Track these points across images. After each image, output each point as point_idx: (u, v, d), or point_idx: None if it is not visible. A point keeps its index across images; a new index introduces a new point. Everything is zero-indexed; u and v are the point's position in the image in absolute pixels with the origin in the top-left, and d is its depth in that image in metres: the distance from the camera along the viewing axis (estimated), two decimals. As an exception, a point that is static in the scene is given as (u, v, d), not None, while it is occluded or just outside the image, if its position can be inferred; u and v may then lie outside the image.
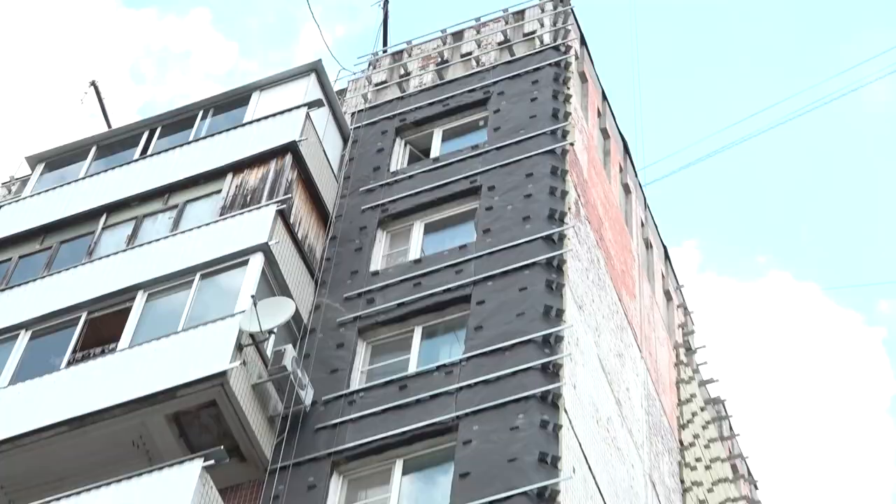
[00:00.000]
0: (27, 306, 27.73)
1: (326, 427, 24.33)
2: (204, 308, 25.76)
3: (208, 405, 24.07)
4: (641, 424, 27.98)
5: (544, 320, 24.34)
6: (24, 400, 25.34)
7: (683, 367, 33.19)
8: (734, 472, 34.59)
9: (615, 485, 24.74)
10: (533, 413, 22.72)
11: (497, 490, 21.59)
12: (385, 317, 26.21)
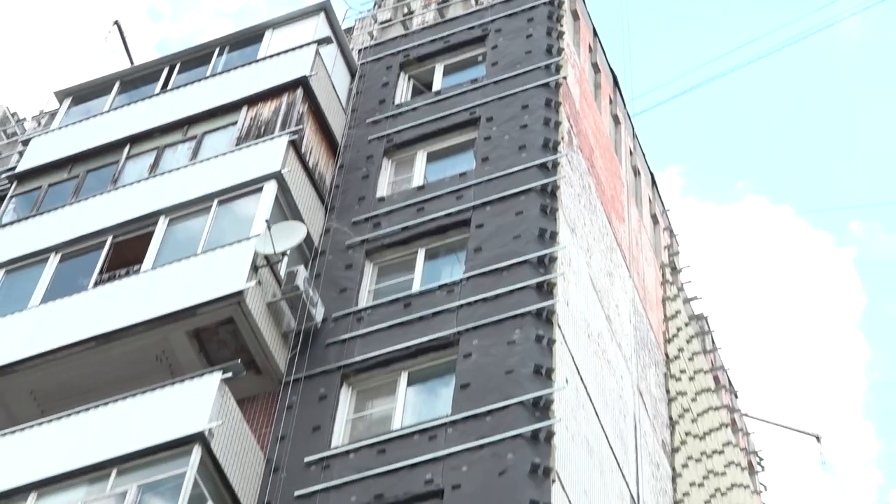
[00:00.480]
0: (56, 231, 27.77)
1: (336, 342, 24.40)
2: (221, 232, 25.80)
3: (226, 322, 24.13)
4: (630, 339, 28.05)
5: (539, 242, 24.37)
6: (54, 318, 25.42)
7: (669, 285, 33.24)
8: (716, 382, 34.72)
9: (605, 394, 24.83)
10: (528, 328, 22.77)
11: (495, 400, 21.68)
12: (390, 240, 26.24)
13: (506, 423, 21.28)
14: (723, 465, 31.63)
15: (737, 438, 34.73)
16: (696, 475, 29.12)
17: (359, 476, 21.61)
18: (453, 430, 21.64)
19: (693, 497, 28.29)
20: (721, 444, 32.12)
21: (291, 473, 22.29)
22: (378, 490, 21.26)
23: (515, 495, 20.09)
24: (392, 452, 21.77)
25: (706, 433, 31.21)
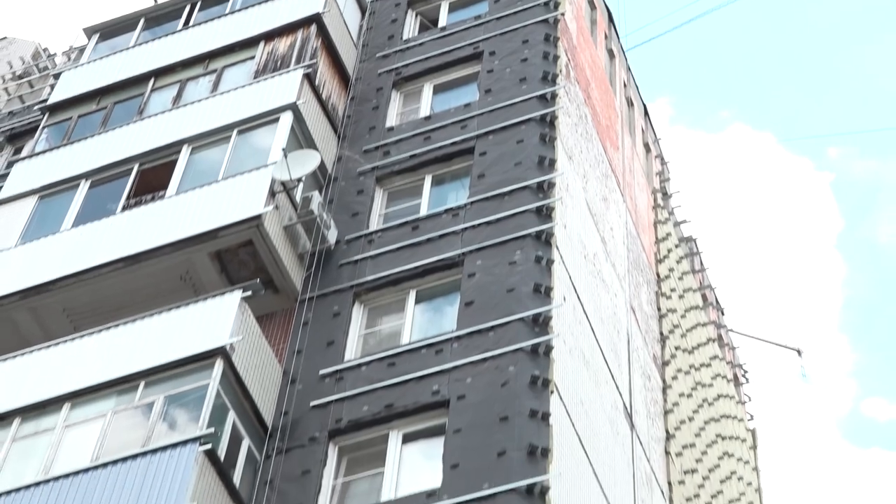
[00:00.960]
0: (86, 159, 27.77)
1: (349, 263, 24.42)
2: (240, 160, 25.78)
3: (246, 244, 24.15)
4: (623, 259, 28.03)
5: (538, 169, 24.33)
6: (85, 240, 25.44)
7: (660, 209, 33.19)
8: (704, 300, 34.74)
9: (600, 311, 24.85)
10: (528, 249, 22.78)
11: (497, 316, 21.72)
12: (399, 167, 26.20)
13: (507, 338, 21.31)
14: (710, 378, 31.71)
15: (723, 352, 34.80)
16: (684, 386, 29.20)
17: (370, 387, 21.67)
18: (458, 345, 21.68)
19: (682, 407, 28.39)
20: (708, 358, 32.19)
21: (307, 385, 22.35)
22: (388, 400, 21.32)
23: (516, 405, 20.13)
24: (401, 365, 21.82)
25: (694, 347, 31.27)
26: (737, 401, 34.48)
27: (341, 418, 21.49)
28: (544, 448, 19.42)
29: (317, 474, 20.80)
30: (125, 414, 21.45)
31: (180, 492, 19.36)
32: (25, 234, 26.63)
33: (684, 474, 26.95)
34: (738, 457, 32.14)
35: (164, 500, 19.35)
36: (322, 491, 20.57)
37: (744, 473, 32.23)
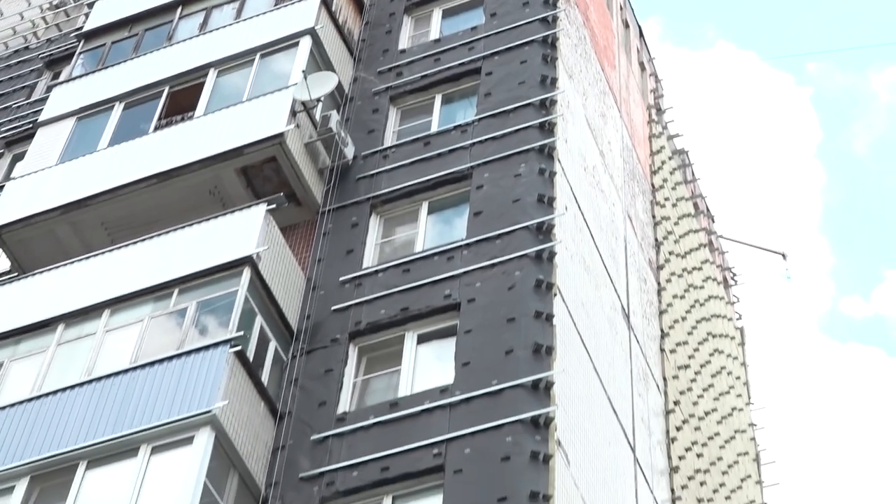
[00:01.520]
0: (120, 83, 27.64)
1: (365, 177, 24.36)
2: (263, 82, 25.67)
3: (270, 160, 24.09)
4: (620, 171, 27.93)
5: (541, 87, 24.21)
6: (120, 159, 25.40)
7: (654, 124, 33.00)
8: (695, 208, 34.65)
9: (599, 219, 24.80)
10: (532, 163, 22.71)
11: (504, 225, 21.70)
12: (411, 87, 26.06)
13: (513, 245, 21.30)
14: (701, 280, 31.71)
15: (713, 257, 34.76)
16: (678, 289, 29.20)
17: (387, 292, 21.69)
18: (468, 252, 21.67)
19: (675, 307, 28.41)
20: (700, 262, 32.17)
21: (328, 291, 22.38)
22: (404, 304, 21.35)
23: (522, 307, 20.17)
24: (415, 271, 21.83)
25: (687, 252, 31.23)
26: (726, 301, 34.50)
27: (360, 321, 21.53)
28: (548, 346, 19.47)
29: (338, 373, 20.88)
30: (161, 319, 21.52)
31: (213, 390, 19.46)
32: (65, 153, 26.57)
33: (678, 369, 27.03)
34: (728, 353, 32.21)
35: (198, 398, 19.46)
36: (343, 388, 20.66)
37: (733, 368, 32.32)
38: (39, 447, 20.03)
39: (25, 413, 20.85)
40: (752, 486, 30.57)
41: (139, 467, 19.00)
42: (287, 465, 19.77)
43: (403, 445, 19.06)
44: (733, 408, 30.84)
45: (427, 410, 19.40)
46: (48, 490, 19.59)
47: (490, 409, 18.95)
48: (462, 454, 18.53)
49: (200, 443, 18.90)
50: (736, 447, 29.89)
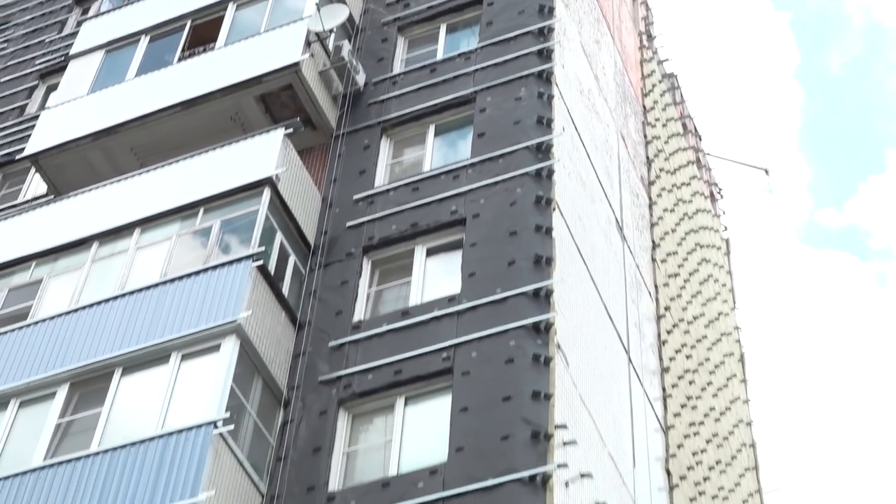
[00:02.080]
0: (145, 17, 27.41)
1: (376, 102, 24.23)
2: (279, 15, 25.41)
3: (286, 88, 23.95)
4: (613, 94, 27.72)
5: (539, 16, 24.02)
6: (146, 88, 25.27)
7: (645, 50, 32.71)
8: (684, 128, 34.45)
9: (594, 139, 24.64)
10: (531, 87, 22.56)
11: (506, 145, 21.62)
12: (417, 17, 25.83)
13: (515, 164, 21.21)
14: (689, 195, 31.61)
15: (700, 173, 34.62)
16: (668, 203, 29.11)
17: (397, 209, 21.64)
18: (472, 171, 21.58)
19: (666, 220, 28.33)
20: (688, 178, 32.05)
21: (343, 209, 22.33)
22: (413, 220, 21.30)
23: (523, 221, 20.13)
24: (424, 189, 21.76)
25: (676, 169, 31.10)
26: (713, 214, 34.42)
27: (373, 236, 21.50)
28: (548, 257, 19.44)
29: (353, 284, 20.89)
30: (187, 237, 21.50)
31: (237, 301, 19.49)
32: (95, 84, 26.44)
33: (668, 278, 27.01)
34: (714, 262, 32.19)
35: (223, 309, 19.50)
36: (358, 298, 20.68)
37: (719, 276, 32.32)
38: (78, 356, 20.12)
39: (64, 325, 20.92)
40: (737, 385, 30.68)
41: (170, 373, 19.09)
42: (307, 369, 19.84)
43: (414, 350, 19.12)
44: (719, 312, 30.87)
45: (436, 318, 19.43)
46: (87, 395, 19.69)
47: (494, 315, 18.98)
48: (469, 357, 18.59)
49: (227, 350, 18.98)
50: (722, 348, 29.97)
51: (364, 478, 18.12)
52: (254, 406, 19.13)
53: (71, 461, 18.41)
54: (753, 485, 29.33)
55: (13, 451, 19.34)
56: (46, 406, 19.71)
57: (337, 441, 18.71)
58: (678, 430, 23.97)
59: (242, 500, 17.88)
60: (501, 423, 17.39)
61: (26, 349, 20.84)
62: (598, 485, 18.39)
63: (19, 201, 27.77)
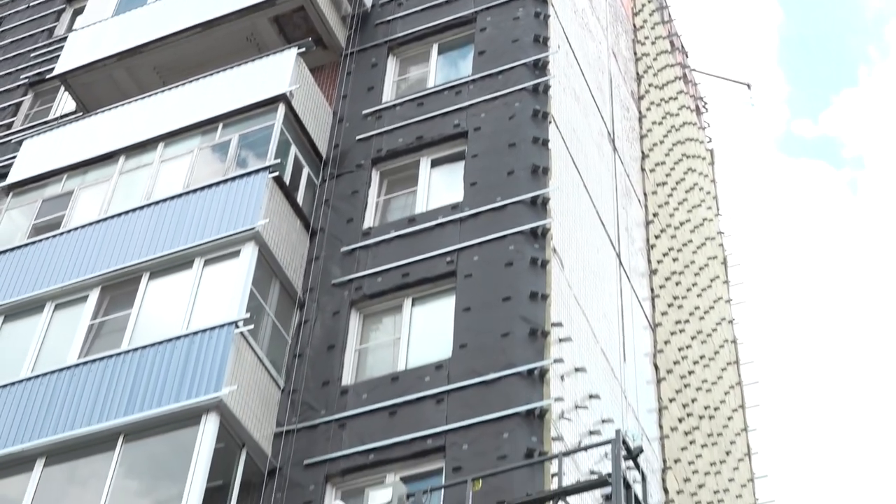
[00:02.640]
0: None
1: (383, 23, 23.94)
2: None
3: (298, 9, 23.70)
4: (605, 13, 27.36)
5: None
6: (167, 11, 24.96)
7: (635, -28, 32.27)
8: (672, 46, 34.05)
9: (588, 57, 24.35)
10: (529, 7, 22.34)
11: (505, 62, 21.42)
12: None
13: (513, 80, 21.01)
14: (676, 108, 31.36)
15: (687, 88, 34.31)
16: (656, 116, 28.88)
17: (404, 123, 21.47)
18: (473, 87, 21.38)
19: (654, 132, 28.12)
20: (675, 93, 31.76)
21: (353, 123, 22.17)
22: (419, 133, 21.15)
23: (521, 133, 19.99)
24: (428, 105, 21.57)
25: (664, 84, 30.81)
26: (698, 126, 34.17)
27: (381, 148, 21.36)
28: (545, 167, 19.32)
29: (363, 194, 20.79)
30: (208, 150, 21.38)
31: (255, 210, 19.42)
32: (119, 7, 26.17)
33: (656, 186, 26.87)
34: (699, 171, 32.02)
35: (242, 217, 19.44)
36: (368, 207, 20.60)
37: (704, 184, 32.16)
38: (108, 261, 20.11)
39: (95, 233, 20.87)
40: (720, 285, 30.69)
41: (194, 277, 19.08)
42: (321, 273, 19.83)
43: (420, 255, 19.09)
44: (704, 218, 30.78)
45: (440, 224, 19.36)
46: (117, 298, 19.72)
47: (495, 222, 18.91)
48: (471, 261, 18.56)
49: (246, 255, 18.94)
50: (706, 252, 29.92)
51: (374, 373, 18.19)
52: (272, 307, 19.15)
53: (103, 359, 18.48)
54: (735, 377, 29.47)
55: (49, 350, 19.42)
56: (79, 308, 19.74)
57: (349, 339, 18.76)
58: (665, 328, 24.01)
59: (262, 394, 17.96)
60: (501, 321, 17.42)
61: (60, 256, 20.83)
62: (591, 378, 18.46)
63: (50, 118, 27.62)
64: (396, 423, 17.01)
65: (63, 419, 17.91)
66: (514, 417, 16.22)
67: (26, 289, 20.53)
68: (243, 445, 17.28)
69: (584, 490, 14.11)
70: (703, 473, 23.93)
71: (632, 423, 19.89)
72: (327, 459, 17.17)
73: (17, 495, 17.34)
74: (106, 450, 17.24)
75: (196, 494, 15.94)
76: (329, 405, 17.83)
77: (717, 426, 26.34)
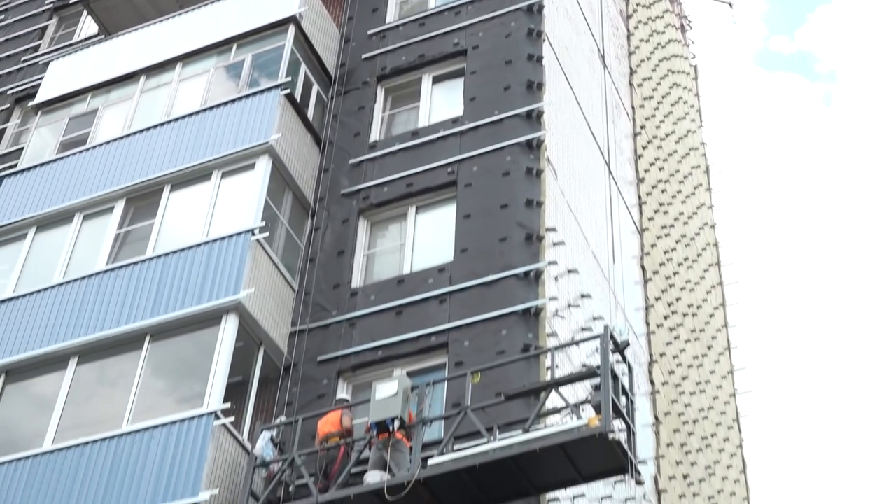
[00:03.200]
0: None
1: (385, -53, 23.54)
2: None
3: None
4: (596, -64, 26.88)
5: None
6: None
7: None
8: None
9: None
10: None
11: (501, -12, 21.09)
12: None
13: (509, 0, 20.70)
14: (663, 27, 30.93)
15: (672, 7, 33.76)
16: (644, 34, 28.51)
17: (407, 42, 21.23)
18: (472, 7, 21.12)
19: (641, 49, 27.78)
20: (661, 11, 31.25)
21: (359, 43, 21.91)
22: (421, 52, 20.90)
23: (517, 51, 19.78)
24: (429, 25, 21.30)
25: (651, 3, 30.32)
26: (683, 44, 33.77)
27: (386, 66, 21.13)
28: (539, 82, 19.13)
29: (369, 109, 20.62)
30: (223, 70, 21.15)
31: (269, 125, 19.29)
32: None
33: (644, 100, 26.63)
34: (684, 86, 31.71)
35: (257, 132, 19.31)
36: (374, 121, 20.44)
37: (688, 98, 31.87)
38: (131, 175, 20.01)
39: (119, 148, 20.75)
40: (703, 193, 30.58)
41: (213, 189, 19.00)
42: (331, 184, 19.74)
43: (423, 166, 18.99)
44: (688, 130, 30.57)
45: (442, 137, 19.23)
46: (141, 209, 19.66)
47: (493, 134, 18.78)
48: (471, 171, 18.46)
49: (260, 168, 18.85)
50: (690, 161, 29.76)
51: (382, 276, 18.20)
52: (285, 216, 19.10)
53: (129, 265, 18.48)
54: (716, 278, 29.50)
55: (79, 258, 19.40)
56: (106, 219, 19.69)
57: (358, 245, 18.74)
58: (651, 232, 23.97)
59: (278, 296, 17.98)
60: (499, 227, 17.38)
61: (87, 170, 20.72)
62: (582, 279, 18.46)
63: (74, 41, 27.31)
64: (402, 322, 17.06)
65: (93, 321, 17.96)
66: (511, 316, 16.27)
67: (56, 201, 20.46)
68: (261, 344, 17.35)
69: (574, 381, 14.14)
70: (686, 366, 24.07)
71: (620, 321, 19.94)
72: (339, 356, 17.25)
73: (52, 393, 17.47)
74: (134, 349, 17.32)
75: (218, 390, 16.04)
76: (340, 306, 17.87)
77: (700, 323, 26.43)
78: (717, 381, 26.73)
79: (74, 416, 16.96)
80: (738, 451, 27.21)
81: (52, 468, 16.27)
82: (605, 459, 13.59)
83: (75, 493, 15.82)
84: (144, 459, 15.67)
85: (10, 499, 16.29)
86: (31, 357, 18.05)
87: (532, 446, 13.40)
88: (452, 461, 13.76)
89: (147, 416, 16.29)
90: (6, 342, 18.51)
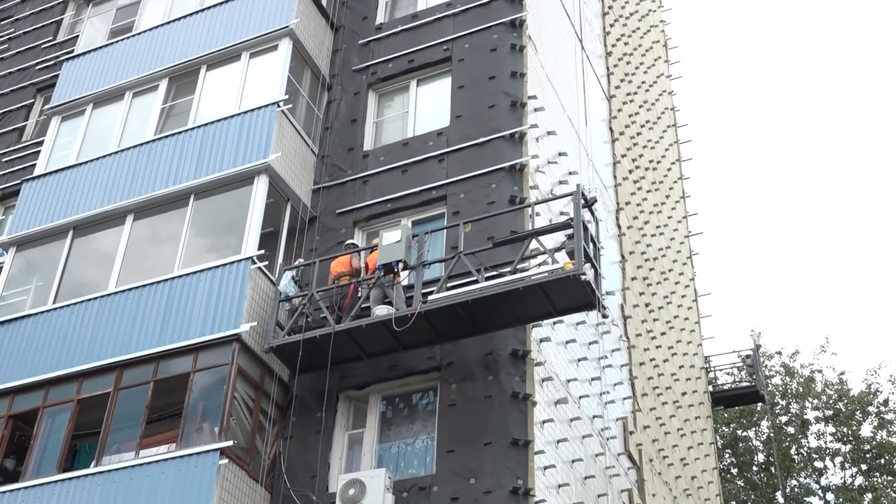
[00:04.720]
0: None
1: None
2: None
3: None
4: None
5: None
6: None
7: None
8: None
9: None
10: None
11: None
12: None
13: None
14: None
15: None
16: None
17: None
18: None
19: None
20: None
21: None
22: None
23: None
24: None
25: None
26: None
27: None
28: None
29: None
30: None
31: (288, 11, 18.66)
32: None
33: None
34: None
35: (278, 17, 18.69)
36: (379, 6, 19.74)
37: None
38: (173, 57, 19.46)
39: (161, 34, 20.12)
40: (662, 64, 29.81)
41: (243, 67, 18.51)
42: (343, 62, 19.18)
43: (422, 44, 18.41)
44: (649, 9, 29.58)
45: (438, 19, 18.59)
46: (182, 86, 19.18)
47: (481, 15, 18.13)
48: (463, 48, 17.91)
49: (283, 49, 18.30)
50: (651, 37, 28.90)
51: (389, 140, 17.83)
52: (305, 90, 18.59)
53: (174, 135, 18.13)
54: (673, 137, 28.97)
55: (131, 129, 19.04)
56: (152, 96, 19.22)
57: (368, 114, 18.30)
58: (618, 99, 23.39)
59: (301, 159, 17.64)
60: (489, 95, 16.93)
61: (134, 54, 20.12)
62: (560, 139, 18.06)
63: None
64: (407, 179, 16.77)
65: (146, 183, 17.70)
66: (499, 171, 15.97)
67: (109, 80, 19.95)
68: (288, 200, 17.09)
69: (552, 231, 14.02)
70: (648, 213, 23.83)
71: (592, 176, 19.60)
72: (354, 208, 17.02)
73: (113, 244, 17.32)
74: (181, 206, 17.09)
75: (253, 239, 15.90)
76: (354, 166, 17.55)
77: (659, 176, 26.09)
78: (674, 225, 26.55)
79: (133, 264, 16.85)
80: (692, 284, 27.21)
81: (116, 307, 16.23)
82: (576, 297, 13.59)
83: (136, 328, 15.81)
84: (193, 298, 15.60)
85: (82, 333, 16.29)
86: (94, 214, 17.86)
87: (516, 285, 13.46)
88: (449, 297, 13.71)
89: (194, 262, 16.18)
90: (72, 202, 18.30)
